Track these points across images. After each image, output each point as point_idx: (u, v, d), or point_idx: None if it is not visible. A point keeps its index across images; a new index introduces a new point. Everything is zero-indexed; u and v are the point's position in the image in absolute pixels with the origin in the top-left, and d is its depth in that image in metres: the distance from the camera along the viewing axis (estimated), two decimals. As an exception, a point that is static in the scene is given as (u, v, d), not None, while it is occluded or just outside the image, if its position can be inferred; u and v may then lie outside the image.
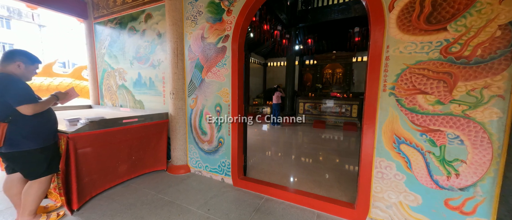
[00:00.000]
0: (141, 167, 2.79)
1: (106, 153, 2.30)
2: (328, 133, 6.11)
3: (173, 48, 2.81)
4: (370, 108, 1.82)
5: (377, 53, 1.76)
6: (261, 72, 12.34)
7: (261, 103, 10.33)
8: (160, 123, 2.94)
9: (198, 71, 2.80)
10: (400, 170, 1.75)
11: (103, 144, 2.25)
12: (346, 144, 4.96)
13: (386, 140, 1.78)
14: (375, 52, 1.76)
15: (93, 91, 4.11)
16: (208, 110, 2.79)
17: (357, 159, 3.67)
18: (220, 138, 2.74)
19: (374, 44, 1.76)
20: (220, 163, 2.78)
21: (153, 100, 3.34)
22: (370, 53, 1.78)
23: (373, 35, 1.76)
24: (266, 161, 3.54)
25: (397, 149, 1.75)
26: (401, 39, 1.67)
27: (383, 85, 1.76)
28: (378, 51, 1.75)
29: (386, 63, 1.74)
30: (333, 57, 9.51)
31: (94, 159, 2.18)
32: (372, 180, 1.87)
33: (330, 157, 3.86)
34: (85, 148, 2.07)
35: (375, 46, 1.76)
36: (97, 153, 2.20)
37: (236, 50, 2.48)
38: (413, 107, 1.67)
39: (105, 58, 3.87)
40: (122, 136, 2.43)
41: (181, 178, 2.84)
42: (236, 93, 2.53)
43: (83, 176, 2.09)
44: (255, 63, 11.37)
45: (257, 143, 4.73)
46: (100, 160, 2.25)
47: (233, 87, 2.54)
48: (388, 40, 1.71)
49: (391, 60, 1.72)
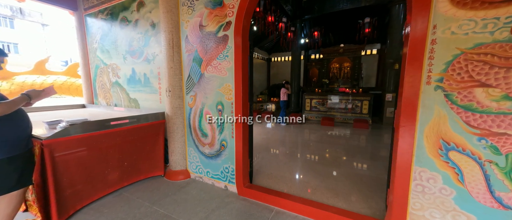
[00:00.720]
0: (135, 173, 2.50)
1: (92, 160, 2.01)
2: (338, 131, 5.73)
3: (168, 39, 2.48)
4: (408, 107, 1.46)
5: (419, 36, 1.38)
6: (264, 68, 11.93)
7: (265, 100, 9.97)
8: (155, 123, 2.63)
9: (196, 65, 2.47)
10: (448, 183, 1.40)
11: (88, 150, 1.95)
12: (360, 143, 4.58)
13: (429, 145, 1.42)
14: (416, 34, 1.39)
15: (86, 90, 3.83)
16: (208, 109, 2.46)
17: (376, 162, 3.31)
18: (222, 140, 2.41)
19: (415, 24, 1.38)
20: (223, 169, 2.46)
21: (149, 99, 3.03)
22: (410, 37, 1.40)
23: (414, 13, 1.38)
24: (273, 164, 3.21)
25: (445, 157, 1.39)
26: (454, 16, 1.28)
27: (427, 77, 1.39)
28: (421, 33, 1.37)
29: (432, 49, 1.36)
30: (341, 51, 9.03)
31: (77, 167, 1.89)
32: (409, 195, 1.51)
33: (344, 159, 3.50)
34: (65, 155, 1.78)
35: (416, 27, 1.38)
36: (81, 160, 1.91)
37: (239, 40, 2.13)
38: (468, 104, 1.30)
39: (97, 53, 3.56)
40: (111, 140, 2.13)
41: (180, 185, 2.54)
42: (240, 89, 2.19)
43: (64, 187, 1.80)
44: (259, 59, 10.97)
45: (263, 143, 4.40)
46: (85, 168, 1.95)
47: (236, 83, 2.20)
48: (436, 18, 1.33)
49: (439, 44, 1.34)
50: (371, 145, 4.41)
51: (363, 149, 4.17)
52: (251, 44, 2.26)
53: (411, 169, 1.49)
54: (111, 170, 2.21)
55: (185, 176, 2.72)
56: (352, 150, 3.99)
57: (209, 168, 2.57)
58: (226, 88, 2.29)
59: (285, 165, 3.17)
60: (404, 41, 1.54)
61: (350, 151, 3.90)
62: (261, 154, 3.66)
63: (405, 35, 1.51)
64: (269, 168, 3.04)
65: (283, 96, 6.25)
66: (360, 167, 3.13)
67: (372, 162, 3.29)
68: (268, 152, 3.81)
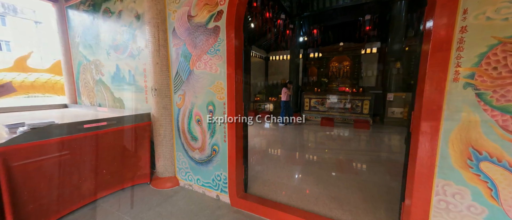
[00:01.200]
0: (116, 182, 2.23)
1: (61, 169, 1.74)
2: (338, 132, 5.52)
3: (153, 31, 2.21)
4: (429, 109, 1.23)
5: (445, 22, 1.14)
6: (262, 67, 11.68)
7: (263, 99, 9.72)
8: (140, 126, 2.37)
9: (185, 61, 2.21)
10: (479, 199, 1.17)
11: (56, 157, 1.69)
12: (361, 145, 4.37)
13: (456, 154, 1.19)
14: (442, 21, 1.15)
15: (69, 88, 3.54)
16: (198, 110, 2.21)
17: (381, 166, 3.09)
18: (214, 145, 2.16)
19: (440, 8, 1.15)
20: (214, 176, 2.21)
21: (134, 98, 2.76)
22: (435, 24, 1.17)
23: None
24: (271, 168, 2.97)
25: (475, 169, 1.16)
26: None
27: (454, 73, 1.16)
28: (448, 19, 1.14)
29: (461, 38, 1.13)
30: (340, 49, 8.81)
31: (42, 178, 1.62)
32: (430, 212, 1.28)
33: (346, 162, 3.27)
34: (25, 164, 1.51)
35: (442, 11, 1.15)
36: (46, 170, 1.64)
37: (232, 32, 1.87)
38: (506, 105, 1.07)
39: (79, 49, 3.28)
40: (85, 145, 1.86)
41: (167, 195, 2.29)
42: (233, 88, 1.94)
43: (25, 202, 1.53)
44: (256, 57, 10.71)
45: (260, 146, 4.16)
46: (52, 178, 1.69)
47: (229, 81, 1.95)
48: (467, 0, 1.09)
49: (470, 32, 1.11)
50: (373, 147, 4.20)
51: (365, 151, 3.95)
52: (245, 37, 2.01)
53: (433, 181, 1.26)
54: (86, 179, 1.94)
55: (173, 183, 2.46)
56: (354, 153, 3.77)
57: (200, 175, 2.32)
58: (217, 86, 2.04)
59: (284, 169, 2.93)
60: (424, 29, 1.31)
61: (352, 154, 3.68)
62: (258, 157, 3.42)
63: (426, 22, 1.28)
64: (266, 173, 2.80)
65: (284, 96, 6.00)
66: (364, 172, 2.90)
67: (377, 167, 3.07)
68: (265, 155, 3.57)
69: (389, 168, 2.99)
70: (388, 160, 3.38)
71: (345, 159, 3.43)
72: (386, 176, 2.71)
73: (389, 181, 2.57)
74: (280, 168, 2.98)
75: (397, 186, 2.19)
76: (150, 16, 2.19)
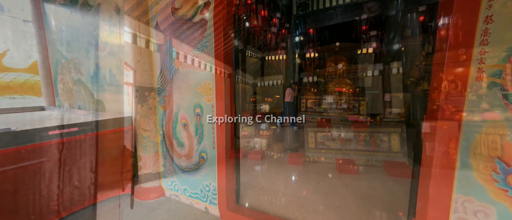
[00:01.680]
0: (90, 195, 1.99)
1: (18, 184, 1.49)
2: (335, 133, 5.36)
3: (133, 25, 1.99)
4: (447, 112, 1.05)
5: (467, 11, 0.97)
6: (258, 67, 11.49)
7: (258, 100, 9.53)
8: (120, 130, 2.13)
9: (169, 59, 1.99)
10: (506, 219, 1.00)
11: (11, 171, 1.44)
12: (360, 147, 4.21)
13: (478, 166, 1.02)
14: (463, 9, 0.98)
15: (46, 89, 3.26)
16: (184, 113, 1.99)
17: (382, 169, 2.93)
18: (201, 152, 1.95)
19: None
20: (202, 186, 2.00)
21: (115, 100, 2.51)
22: (455, 12, 1.00)
23: (460, -21, 0.98)
24: (266, 175, 2.78)
25: (502, 183, 0.99)
26: (523, -19, 0.89)
27: (477, 71, 0.99)
28: (470, 7, 0.97)
29: (486, 30, 0.96)
30: (337, 49, 8.74)
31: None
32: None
33: (345, 165, 3.11)
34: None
35: None
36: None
37: (220, 25, 1.67)
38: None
39: (57, 46, 3.01)
40: (50, 155, 1.62)
41: (150, 207, 2.06)
42: (222, 89, 1.73)
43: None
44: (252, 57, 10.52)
45: (257, 148, 3.95)
46: (7, 195, 1.44)
47: (217, 81, 1.75)
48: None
49: (496, 23, 0.94)
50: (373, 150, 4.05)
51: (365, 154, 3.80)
52: (235, 31, 1.81)
53: (452, 197, 1.09)
54: (53, 194, 1.70)
55: (158, 194, 2.23)
56: (354, 155, 3.61)
57: (187, 185, 2.10)
58: (205, 87, 1.83)
59: (280, 175, 2.74)
60: (438, 21, 1.14)
61: (351, 156, 3.52)
62: (253, 162, 3.21)
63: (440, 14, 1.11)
64: (261, 180, 2.60)
65: (288, 97, 5.75)
66: (365, 177, 2.74)
67: (377, 169, 2.92)
68: (263, 159, 3.37)
69: (389, 169, 2.84)
70: (388, 159, 3.24)
71: (344, 161, 3.26)
72: (387, 184, 2.55)
73: (392, 188, 2.41)
74: (276, 174, 2.79)
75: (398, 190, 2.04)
76: (130, 8, 1.97)
